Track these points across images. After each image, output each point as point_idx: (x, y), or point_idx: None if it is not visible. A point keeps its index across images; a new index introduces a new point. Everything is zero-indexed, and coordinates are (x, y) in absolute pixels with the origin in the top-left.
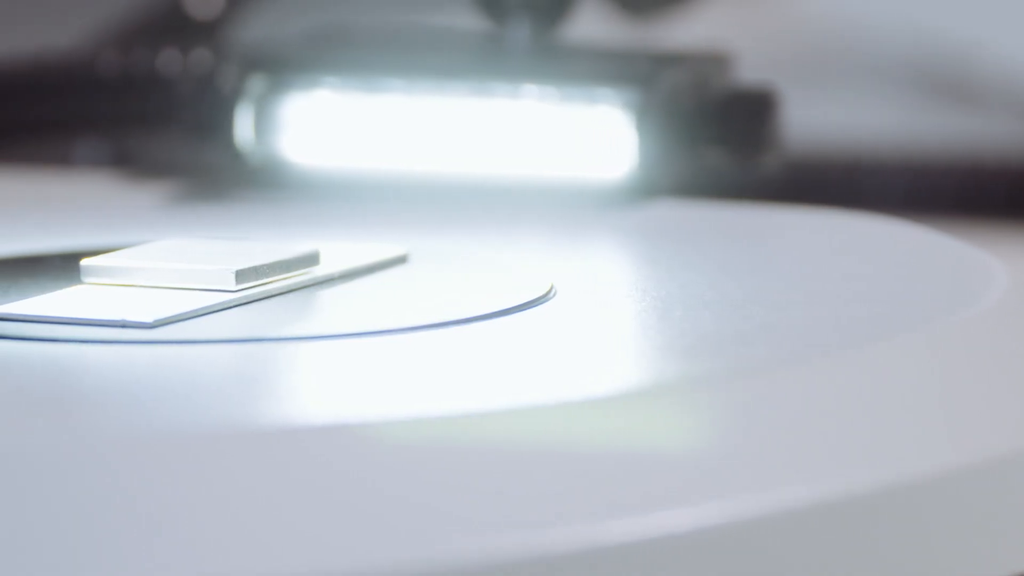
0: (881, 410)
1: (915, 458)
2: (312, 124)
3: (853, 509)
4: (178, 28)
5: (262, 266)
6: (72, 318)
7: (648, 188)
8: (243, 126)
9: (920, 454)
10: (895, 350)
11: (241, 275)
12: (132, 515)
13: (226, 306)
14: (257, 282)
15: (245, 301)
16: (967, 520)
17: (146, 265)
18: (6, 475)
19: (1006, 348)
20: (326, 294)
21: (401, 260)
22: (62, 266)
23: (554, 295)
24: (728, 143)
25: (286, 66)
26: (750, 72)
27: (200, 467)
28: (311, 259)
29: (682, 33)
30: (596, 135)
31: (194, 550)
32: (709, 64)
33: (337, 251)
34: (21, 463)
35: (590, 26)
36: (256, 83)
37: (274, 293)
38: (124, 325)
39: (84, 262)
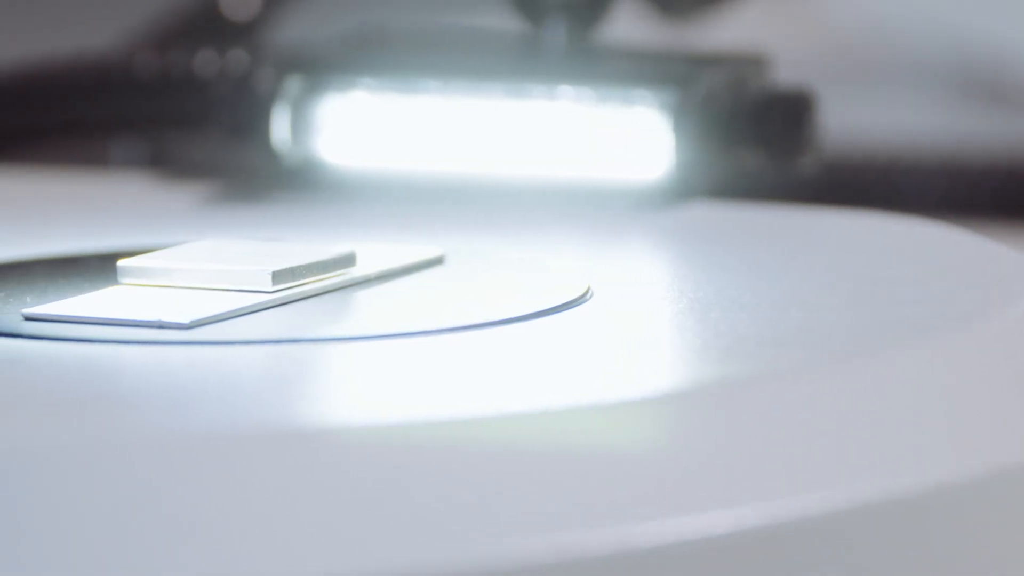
0: (918, 413)
1: (954, 461)
2: (348, 125)
3: (893, 512)
4: (215, 29)
5: (298, 267)
6: (109, 319)
7: (685, 190)
8: (279, 127)
9: (960, 457)
10: (932, 352)
11: (278, 276)
12: (167, 516)
13: (262, 307)
14: (293, 283)
15: (281, 302)
16: (1014, 521)
17: (183, 266)
18: (44, 475)
19: None
20: (362, 295)
21: (438, 261)
22: (99, 267)
23: (591, 296)
24: (765, 145)
25: (323, 67)
26: (787, 74)
27: (236, 468)
28: (347, 260)
29: (719, 35)
30: (633, 137)
31: (229, 551)
32: (746, 66)
33: (373, 252)
34: (58, 463)
35: (627, 27)
36: (293, 84)
37: (310, 294)
38: (160, 326)
39: (121, 263)
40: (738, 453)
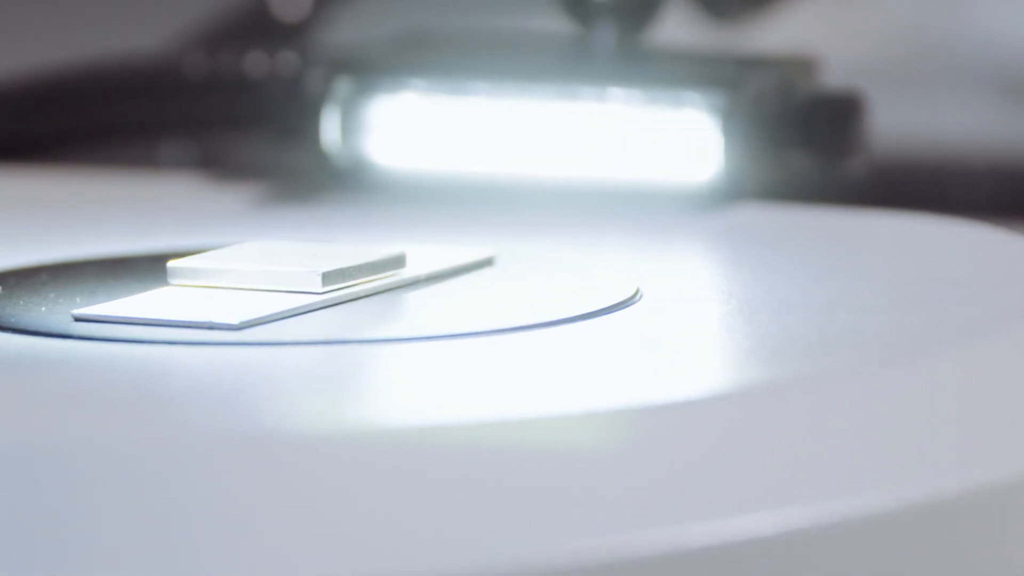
0: (967, 413)
1: (1005, 463)
2: (398, 126)
3: (943, 512)
4: (265, 30)
5: (348, 268)
6: (158, 319)
7: (733, 191)
8: (329, 128)
9: (1011, 459)
10: (981, 354)
11: (328, 277)
12: (216, 517)
13: (312, 308)
14: (343, 284)
15: (331, 303)
16: None
17: (233, 267)
18: (94, 476)
19: None
20: (412, 296)
21: (487, 263)
22: (149, 268)
23: (640, 298)
24: (814, 147)
25: (372, 68)
26: (836, 76)
27: (285, 469)
28: (397, 261)
29: (768, 36)
30: (682, 139)
31: (277, 552)
32: (795, 68)
33: (423, 253)
34: (108, 464)
35: (676, 29)
36: (343, 85)
37: (360, 295)
38: (210, 327)
39: (171, 264)
40: (787, 455)
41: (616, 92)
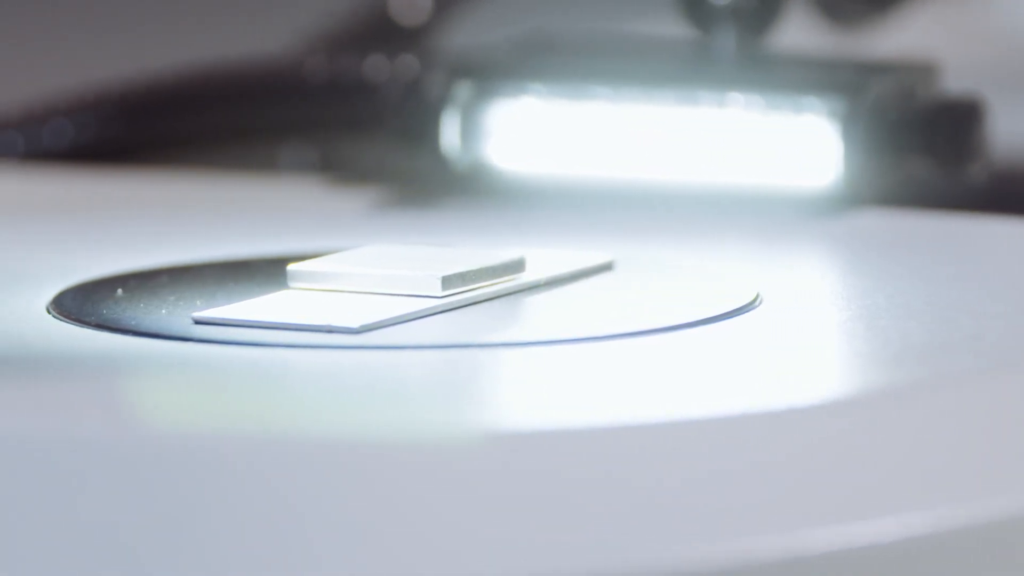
0: None
1: None
2: (518, 131)
3: None
4: (385, 34)
5: (468, 272)
6: (278, 323)
7: (853, 197)
8: (449, 132)
9: None
10: None
11: (447, 281)
12: (336, 519)
13: (431, 312)
14: (463, 288)
15: (450, 307)
16: None
17: (352, 271)
18: (216, 479)
19: None
20: (531, 301)
21: (607, 267)
22: (268, 271)
23: (760, 303)
24: (934, 153)
25: (493, 72)
26: (956, 81)
27: (405, 473)
28: (517, 266)
29: (889, 41)
30: (802, 144)
31: (403, 554)
32: (916, 73)
33: (543, 258)
34: (227, 466)
35: (796, 34)
36: (463, 89)
37: (480, 299)
38: (330, 330)
39: (290, 267)
40: (908, 460)
41: (736, 97)
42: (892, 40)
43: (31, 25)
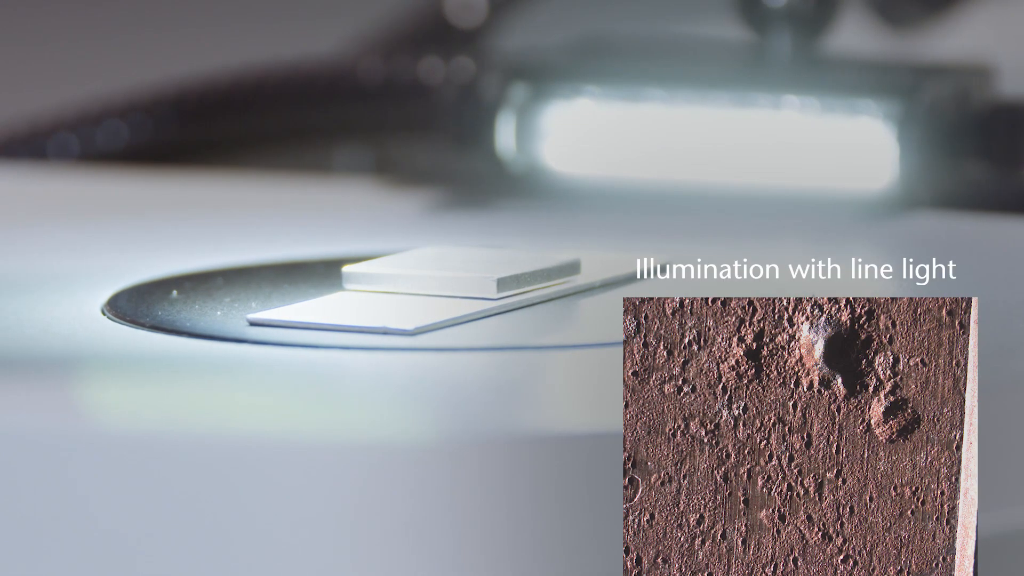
0: None
1: None
2: (573, 133)
3: None
4: (440, 37)
5: (523, 274)
6: (333, 324)
7: (909, 200)
8: (504, 134)
9: None
10: None
11: (503, 283)
12: (387, 519)
13: (486, 314)
14: (518, 290)
15: (505, 309)
16: None
17: (407, 272)
18: (271, 478)
19: None
20: (587, 303)
21: (660, 270)
22: (323, 273)
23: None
24: (990, 155)
25: (548, 75)
26: (1013, 84)
27: (461, 474)
28: (572, 268)
29: (945, 45)
30: (857, 147)
31: (453, 555)
32: (971, 76)
33: (598, 260)
34: (286, 466)
35: (852, 37)
36: (518, 92)
37: (535, 301)
38: (385, 332)
39: (345, 269)
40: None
41: (791, 100)
42: (948, 43)
43: (86, 27)
